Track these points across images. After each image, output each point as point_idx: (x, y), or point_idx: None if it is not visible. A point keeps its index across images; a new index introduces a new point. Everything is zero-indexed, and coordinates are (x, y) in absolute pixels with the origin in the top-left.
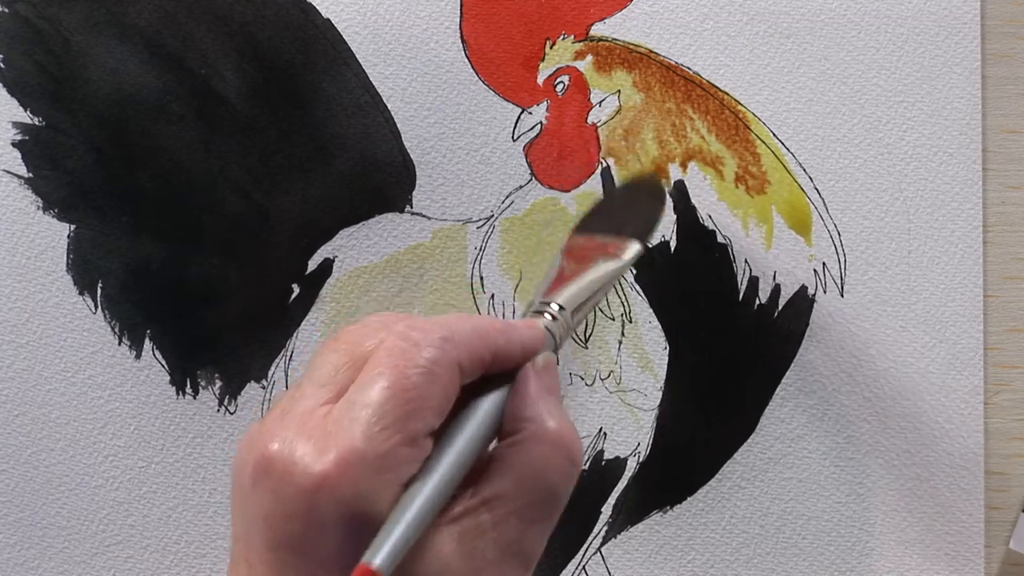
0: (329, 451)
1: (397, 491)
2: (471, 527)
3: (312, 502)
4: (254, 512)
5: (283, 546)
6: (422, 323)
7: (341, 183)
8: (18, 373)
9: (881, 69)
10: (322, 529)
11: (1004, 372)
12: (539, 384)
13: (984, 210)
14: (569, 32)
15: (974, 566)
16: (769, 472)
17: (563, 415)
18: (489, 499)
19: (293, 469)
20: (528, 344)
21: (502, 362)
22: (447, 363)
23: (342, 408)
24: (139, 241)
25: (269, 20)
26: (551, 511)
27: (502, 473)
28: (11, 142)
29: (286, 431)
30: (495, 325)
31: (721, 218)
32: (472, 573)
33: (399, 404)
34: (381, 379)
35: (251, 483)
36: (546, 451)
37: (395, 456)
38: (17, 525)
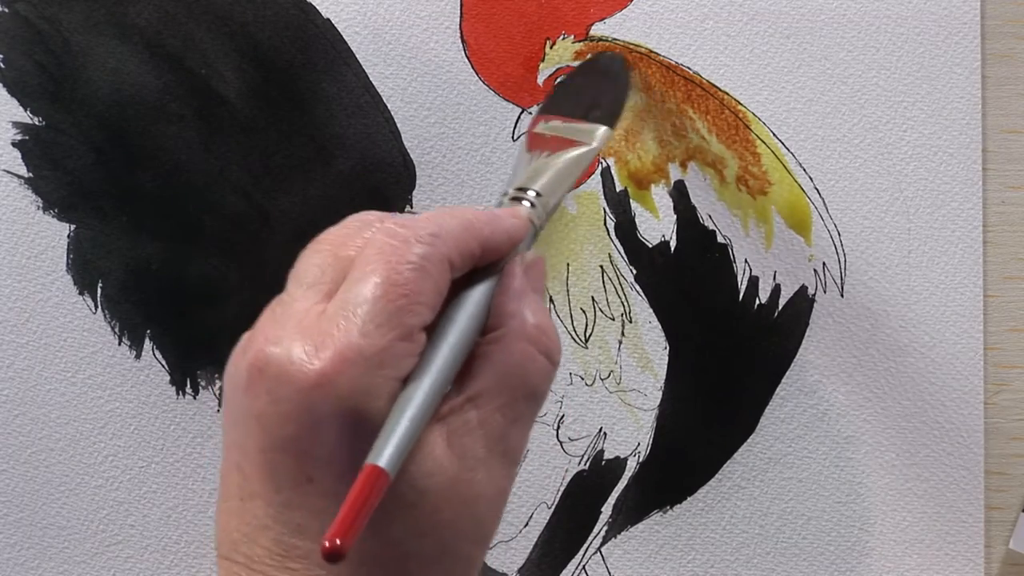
0: (326, 349)
1: (395, 387)
2: (459, 425)
3: (310, 401)
4: (247, 415)
5: (278, 447)
6: (409, 220)
7: (341, 183)
8: (18, 373)
9: (881, 69)
10: (319, 428)
11: (1004, 372)
12: (524, 280)
13: (984, 210)
14: (569, 32)
15: (974, 566)
16: (769, 472)
17: (544, 313)
18: (474, 396)
19: (290, 368)
20: (513, 232)
21: (490, 253)
22: (438, 258)
23: (336, 307)
24: (139, 241)
25: (269, 20)
26: (531, 407)
27: (485, 370)
28: (11, 142)
29: (281, 332)
30: (480, 216)
31: (721, 218)
32: (464, 471)
33: (393, 300)
34: (374, 276)
35: (246, 385)
36: (525, 348)
37: (392, 351)
38: (17, 525)
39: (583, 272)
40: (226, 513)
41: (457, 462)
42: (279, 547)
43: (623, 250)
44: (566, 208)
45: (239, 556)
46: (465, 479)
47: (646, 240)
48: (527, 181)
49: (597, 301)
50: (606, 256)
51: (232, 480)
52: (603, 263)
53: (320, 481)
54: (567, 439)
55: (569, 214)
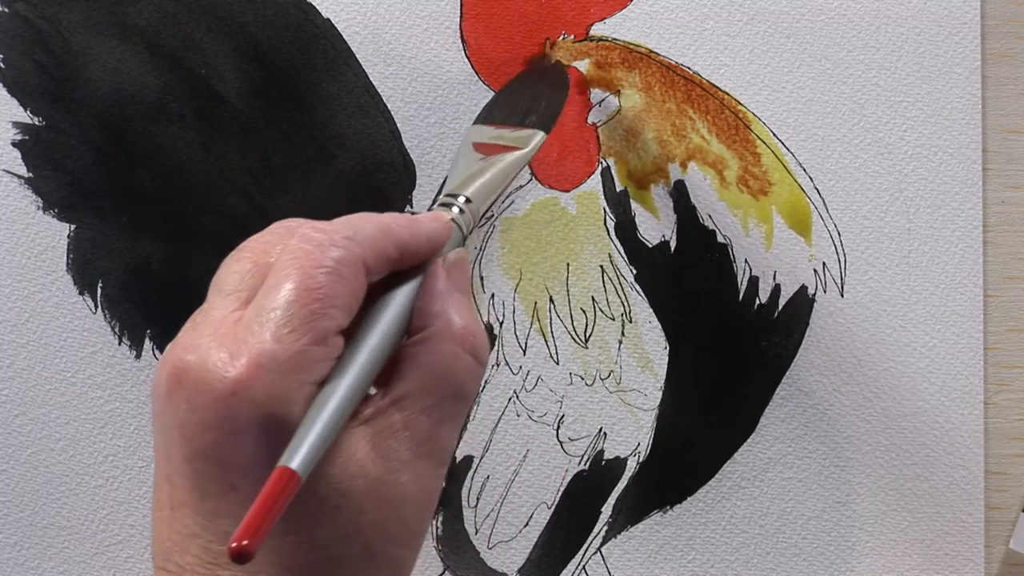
0: (241, 356)
1: (311, 391)
2: (383, 427)
3: (227, 408)
4: (170, 424)
5: (200, 456)
6: (325, 225)
7: (341, 183)
8: (18, 373)
9: (881, 69)
10: (238, 435)
11: (1004, 372)
12: (447, 281)
13: (984, 210)
14: (569, 32)
15: (974, 566)
16: (769, 472)
17: (470, 312)
18: (399, 398)
19: (207, 376)
20: (434, 236)
21: (409, 257)
22: (352, 261)
23: (251, 313)
24: (139, 241)
25: (269, 20)
26: (459, 407)
27: (410, 372)
28: (11, 142)
29: (198, 340)
30: (399, 220)
31: (721, 218)
32: (388, 473)
33: (306, 304)
34: (287, 281)
35: (166, 394)
36: (452, 348)
37: (306, 356)
38: (17, 525)
39: (583, 272)
40: (158, 522)
41: (381, 464)
42: (208, 555)
43: (623, 250)
44: (566, 208)
45: (171, 565)
46: (389, 481)
47: (646, 240)
48: (459, 187)
49: (597, 301)
50: (606, 256)
51: (162, 489)
52: (603, 263)
53: (242, 489)
54: (567, 439)
55: (569, 214)
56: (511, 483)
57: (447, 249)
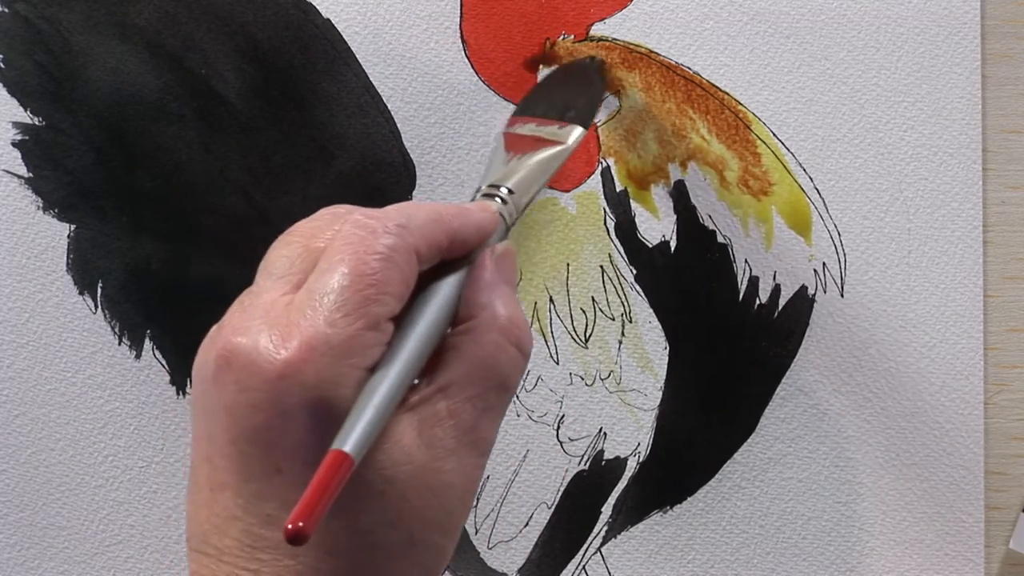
0: (293, 338)
1: (361, 376)
2: (429, 415)
3: (277, 390)
4: (216, 406)
5: (247, 438)
6: (377, 212)
7: (341, 183)
8: (18, 373)
9: (881, 69)
10: (287, 418)
11: (1004, 372)
12: (495, 272)
13: (984, 210)
14: (569, 32)
15: (974, 566)
16: (769, 472)
17: (515, 305)
18: (444, 387)
19: (257, 358)
20: (483, 226)
21: (458, 246)
22: (405, 249)
23: (303, 297)
24: (139, 241)
25: (269, 20)
26: (502, 398)
27: (455, 361)
28: (11, 142)
29: (248, 322)
30: (449, 209)
31: (721, 218)
32: (432, 461)
33: (360, 289)
34: (341, 266)
35: (214, 376)
36: (497, 339)
37: (359, 341)
38: (17, 525)
39: (583, 272)
40: (196, 504)
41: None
42: (249, 538)
43: (623, 250)
44: (566, 208)
45: (209, 548)
46: (434, 468)
47: (646, 240)
48: (500, 179)
49: (597, 301)
50: (606, 256)
51: (202, 471)
52: (603, 263)
53: (289, 471)
54: (567, 439)
55: (569, 214)
56: (511, 483)
57: (493, 240)
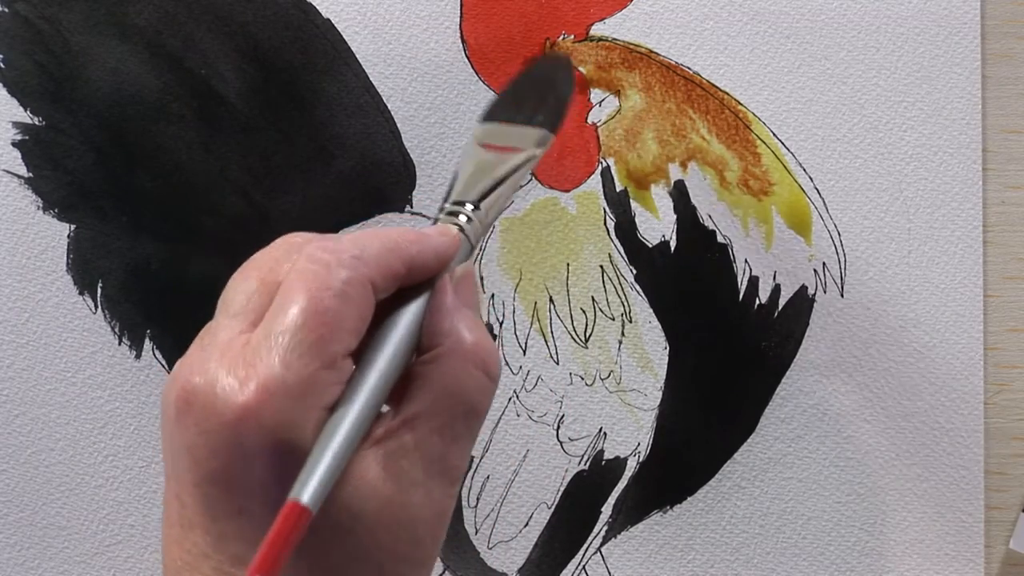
0: (250, 381)
1: (321, 416)
2: (395, 448)
3: (236, 434)
4: (179, 446)
5: (209, 479)
6: (331, 243)
7: (341, 183)
8: (18, 373)
9: (881, 69)
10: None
11: (1004, 372)
12: (455, 296)
13: (984, 210)
14: (569, 32)
15: (974, 566)
16: (769, 472)
17: (480, 328)
18: (410, 419)
19: (215, 401)
20: (442, 251)
21: (417, 273)
22: (359, 282)
23: (259, 337)
24: (139, 241)
25: (269, 20)
26: (471, 425)
27: (421, 391)
28: (11, 142)
29: (206, 363)
30: (406, 236)
31: (721, 218)
32: (400, 494)
33: (314, 328)
34: (295, 304)
35: (175, 417)
36: (463, 366)
37: (316, 381)
38: (17, 525)
39: (583, 272)
40: (168, 539)
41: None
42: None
43: (623, 250)
44: (566, 208)
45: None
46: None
47: (646, 240)
48: (464, 192)
49: (597, 301)
50: (606, 256)
51: (173, 508)
52: (603, 263)
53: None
54: (567, 439)
55: (569, 214)
56: (511, 483)
57: (456, 261)
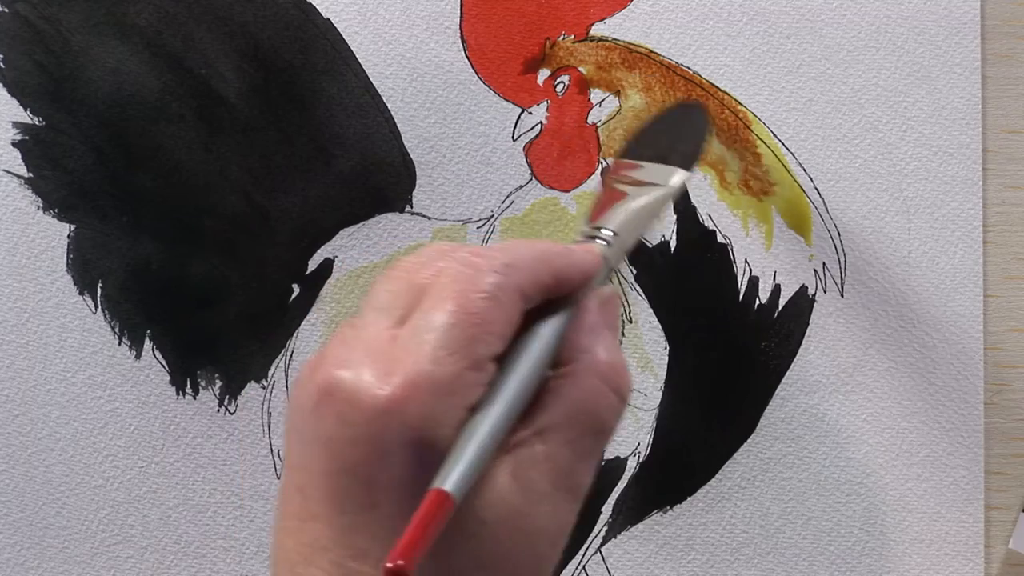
0: (396, 375)
1: (463, 416)
2: (525, 458)
3: (378, 426)
4: (314, 437)
5: (345, 471)
6: (483, 250)
7: (341, 183)
8: (18, 373)
9: (881, 69)
10: (386, 454)
11: (1004, 372)
12: (598, 316)
13: (984, 210)
14: (569, 32)
15: (974, 566)
16: (769, 472)
17: (617, 350)
18: (542, 430)
19: (359, 393)
20: (587, 268)
21: (563, 286)
22: (510, 288)
23: (407, 333)
24: (139, 241)
25: (269, 20)
26: (599, 443)
27: (554, 404)
28: (11, 142)
29: (351, 355)
30: (555, 249)
31: (721, 218)
32: (526, 505)
33: (464, 328)
34: (446, 304)
35: (313, 407)
36: (597, 384)
37: (462, 380)
38: (17, 525)
39: None
40: (283, 532)
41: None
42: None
43: None
44: (566, 208)
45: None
46: (528, 513)
47: (646, 240)
48: (602, 220)
49: None
50: None
51: (293, 500)
52: None
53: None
54: None
55: (569, 214)
56: None
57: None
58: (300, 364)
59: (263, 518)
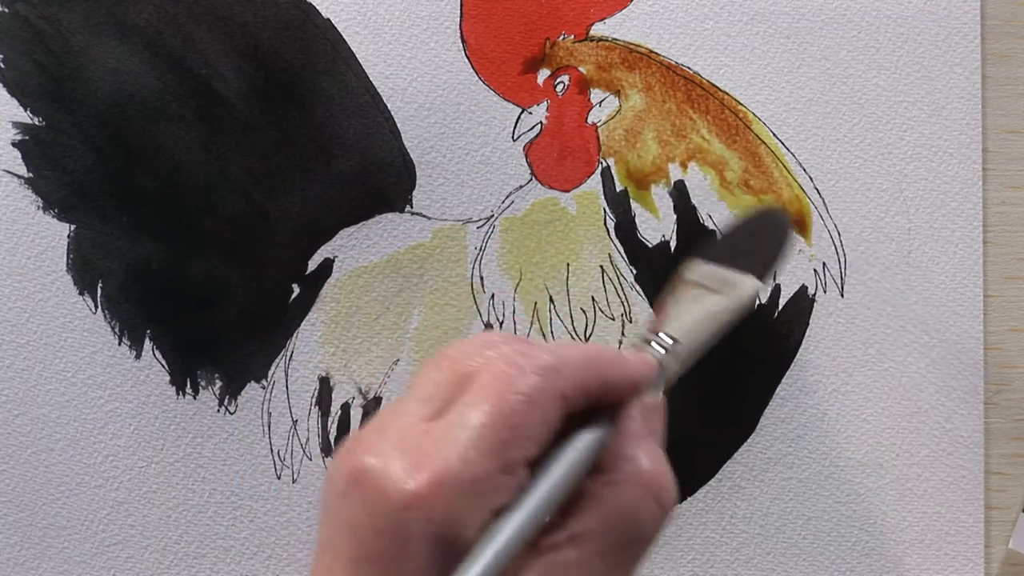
0: (424, 470)
1: (487, 517)
2: (556, 563)
3: (401, 519)
4: (343, 522)
5: (368, 559)
6: (530, 348)
7: (341, 183)
8: (18, 373)
9: (881, 69)
10: (408, 547)
11: (1004, 372)
12: (642, 424)
13: (984, 210)
14: (569, 32)
15: (974, 566)
16: (769, 472)
17: (660, 458)
18: (577, 536)
19: (386, 484)
20: (638, 380)
21: (609, 394)
22: (551, 392)
23: (441, 428)
24: (139, 241)
25: (269, 20)
26: (636, 554)
27: (592, 510)
28: (11, 142)
29: (383, 444)
30: (605, 355)
31: (721, 218)
32: None
33: (498, 430)
34: (483, 403)
35: (343, 492)
36: (638, 494)
37: (490, 482)
38: (17, 525)
39: (583, 272)
40: None
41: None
42: None
43: (623, 250)
44: (566, 208)
45: None
46: None
47: (646, 240)
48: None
49: (597, 301)
50: (606, 256)
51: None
52: (603, 263)
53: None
54: None
55: (569, 214)
56: None
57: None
58: (300, 364)
59: (263, 518)
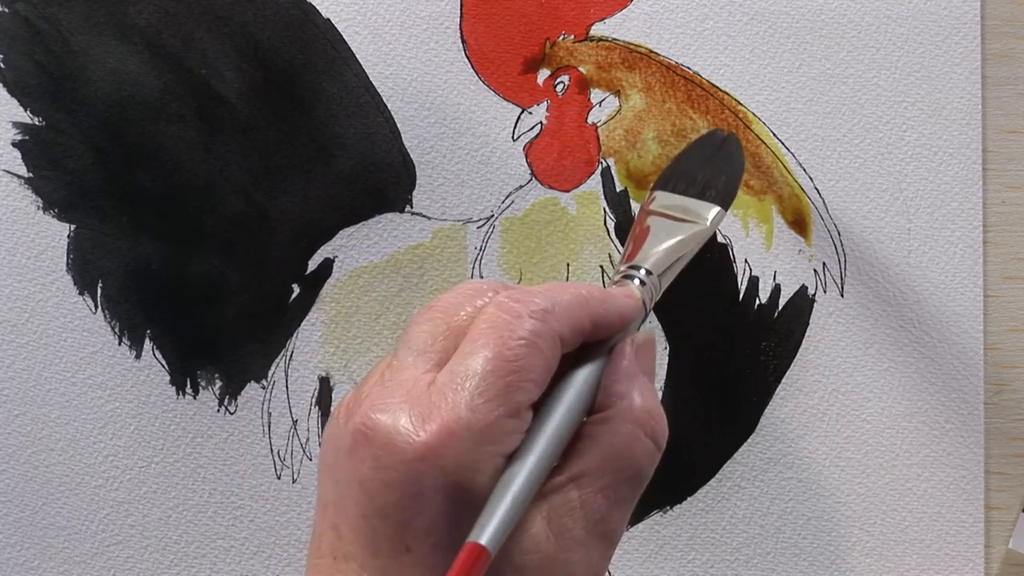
0: (433, 421)
1: (499, 463)
2: (560, 504)
3: (414, 472)
4: (349, 478)
5: (379, 514)
6: (522, 293)
7: (341, 183)
8: (18, 373)
9: (881, 69)
10: (421, 499)
11: (1004, 372)
12: (634, 361)
13: (984, 210)
14: (569, 32)
15: (974, 566)
16: (769, 472)
17: (653, 395)
18: (577, 476)
19: (396, 438)
20: (626, 313)
21: (601, 331)
22: (548, 334)
23: (445, 378)
24: (139, 241)
25: (269, 20)
26: (634, 490)
27: (589, 450)
28: (11, 142)
29: (389, 399)
30: (594, 293)
31: None
32: (561, 551)
33: (502, 376)
34: (484, 350)
35: (349, 449)
36: (633, 430)
37: (499, 428)
38: (17, 525)
39: (583, 272)
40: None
41: (555, 541)
42: None
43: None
44: (566, 208)
45: None
46: (562, 559)
47: None
48: (639, 259)
49: None
50: (606, 256)
51: (326, 538)
52: (603, 263)
53: (418, 551)
54: None
55: (569, 214)
56: None
57: (633, 327)
58: (300, 364)
59: (263, 518)
